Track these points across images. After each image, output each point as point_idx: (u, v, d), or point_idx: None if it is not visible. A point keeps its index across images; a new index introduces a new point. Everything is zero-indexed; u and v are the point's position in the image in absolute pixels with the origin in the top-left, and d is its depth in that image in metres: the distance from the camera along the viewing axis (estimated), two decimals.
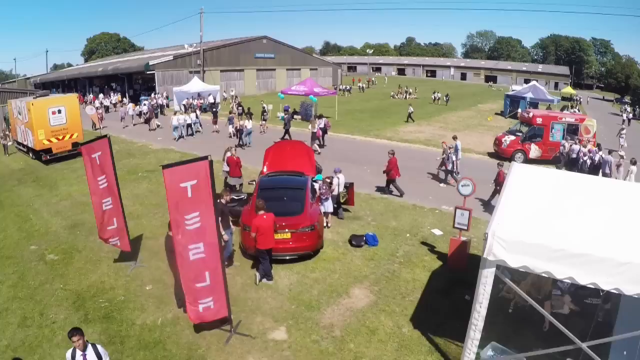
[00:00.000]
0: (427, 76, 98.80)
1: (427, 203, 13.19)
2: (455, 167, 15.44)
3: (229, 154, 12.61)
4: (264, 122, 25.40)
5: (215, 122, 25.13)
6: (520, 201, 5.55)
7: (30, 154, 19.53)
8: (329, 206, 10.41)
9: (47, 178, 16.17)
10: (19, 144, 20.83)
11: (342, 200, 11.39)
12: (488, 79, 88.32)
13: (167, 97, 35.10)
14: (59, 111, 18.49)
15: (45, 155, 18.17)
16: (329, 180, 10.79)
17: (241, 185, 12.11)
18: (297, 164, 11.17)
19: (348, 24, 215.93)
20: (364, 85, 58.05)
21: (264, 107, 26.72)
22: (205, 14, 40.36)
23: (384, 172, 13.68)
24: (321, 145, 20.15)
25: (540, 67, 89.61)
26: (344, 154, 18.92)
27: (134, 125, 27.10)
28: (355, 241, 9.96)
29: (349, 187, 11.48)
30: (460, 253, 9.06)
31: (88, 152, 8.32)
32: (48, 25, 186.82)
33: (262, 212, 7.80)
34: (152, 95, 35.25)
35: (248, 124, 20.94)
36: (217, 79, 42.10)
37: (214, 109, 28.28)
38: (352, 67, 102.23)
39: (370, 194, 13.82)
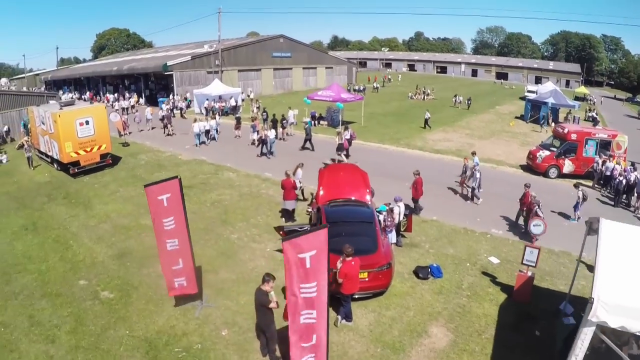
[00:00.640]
0: (437, 72, 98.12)
1: (477, 226, 13.05)
2: (479, 184, 15.08)
3: (284, 177, 12.21)
4: (282, 129, 24.38)
5: (238, 128, 24.72)
6: (616, 263, 6.11)
7: (55, 165, 18.77)
8: (392, 237, 10.17)
9: (78, 194, 15.50)
10: (41, 152, 20.10)
11: (402, 230, 11.09)
12: (499, 75, 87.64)
13: (186, 99, 34.57)
14: (87, 122, 17.75)
15: (73, 169, 17.47)
16: (389, 208, 10.51)
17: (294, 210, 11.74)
18: (354, 189, 10.84)
19: (356, 18, 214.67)
20: (379, 85, 56.45)
21: (283, 115, 25.48)
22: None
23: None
24: (347, 155, 19.69)
25: (551, 65, 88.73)
26: (380, 168, 18.22)
27: (152, 129, 26.67)
28: (422, 274, 9.81)
29: (408, 215, 11.17)
30: (525, 287, 9.29)
31: (153, 194, 7.62)
32: (57, 21, 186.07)
33: (349, 258, 7.49)
34: (171, 97, 34.78)
35: (270, 133, 20.54)
36: (235, 79, 41.56)
37: (237, 115, 27.81)
38: (362, 63, 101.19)
39: (420, 216, 13.45)
